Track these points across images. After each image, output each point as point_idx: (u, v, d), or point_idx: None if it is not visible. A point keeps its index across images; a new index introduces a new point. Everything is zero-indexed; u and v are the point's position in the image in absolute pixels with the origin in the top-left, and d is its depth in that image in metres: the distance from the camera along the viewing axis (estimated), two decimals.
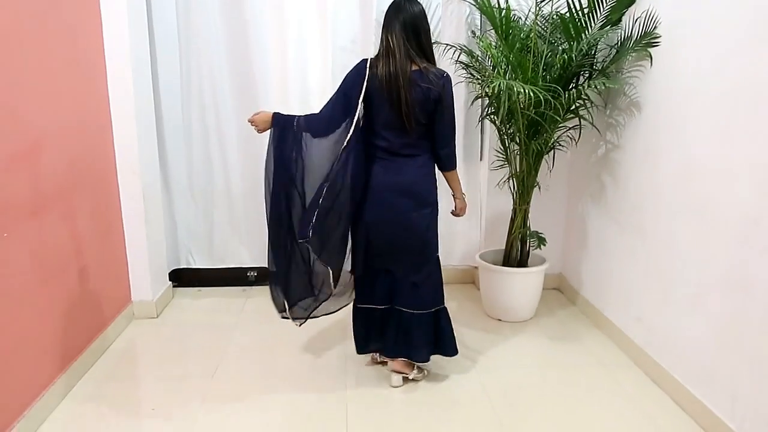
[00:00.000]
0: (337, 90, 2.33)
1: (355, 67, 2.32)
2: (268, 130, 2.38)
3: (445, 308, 2.54)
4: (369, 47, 3.23)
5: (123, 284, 3.11)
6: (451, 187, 2.55)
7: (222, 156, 3.52)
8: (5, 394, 2.00)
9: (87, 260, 2.67)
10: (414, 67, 2.24)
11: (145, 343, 2.97)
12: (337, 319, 3.13)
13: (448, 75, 2.30)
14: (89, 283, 2.69)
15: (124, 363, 2.75)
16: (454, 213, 2.62)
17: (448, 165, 2.46)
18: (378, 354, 2.68)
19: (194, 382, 2.55)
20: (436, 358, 2.60)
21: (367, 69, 2.26)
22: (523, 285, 3.16)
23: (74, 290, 2.55)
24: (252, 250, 3.69)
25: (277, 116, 2.36)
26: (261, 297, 3.55)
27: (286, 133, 2.35)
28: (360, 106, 2.27)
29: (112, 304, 2.96)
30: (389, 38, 2.25)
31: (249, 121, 2.39)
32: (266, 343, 2.94)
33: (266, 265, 3.70)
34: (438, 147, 2.39)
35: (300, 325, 2.54)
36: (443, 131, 2.36)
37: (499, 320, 3.20)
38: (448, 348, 2.55)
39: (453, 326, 2.57)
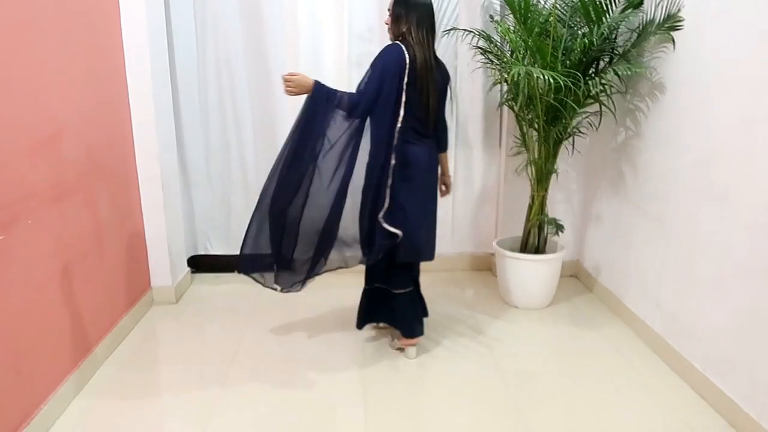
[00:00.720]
0: (379, 76, 2.33)
1: (393, 54, 2.34)
2: (301, 95, 2.36)
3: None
4: (386, 36, 3.21)
5: (143, 270, 3.15)
6: (443, 167, 2.73)
7: (239, 142, 3.53)
8: (29, 379, 2.04)
9: (107, 246, 2.70)
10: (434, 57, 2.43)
11: (164, 328, 3.01)
12: (353, 304, 3.16)
13: None
14: (109, 269, 2.73)
15: (145, 349, 2.79)
16: (444, 193, 2.79)
17: (446, 146, 2.71)
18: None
19: (214, 367, 2.58)
20: (451, 345, 2.60)
21: (406, 56, 2.32)
22: (540, 272, 3.14)
23: (95, 276, 2.58)
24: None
25: (319, 85, 2.34)
26: None
27: (326, 105, 2.35)
28: (404, 92, 2.33)
29: (131, 290, 3.00)
30: (418, 27, 2.36)
31: (285, 79, 2.33)
32: (283, 327, 2.97)
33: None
34: (440, 130, 2.61)
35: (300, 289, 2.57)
36: (444, 116, 2.62)
37: (516, 307, 3.19)
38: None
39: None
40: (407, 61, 2.32)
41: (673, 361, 2.52)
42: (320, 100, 2.34)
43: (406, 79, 2.32)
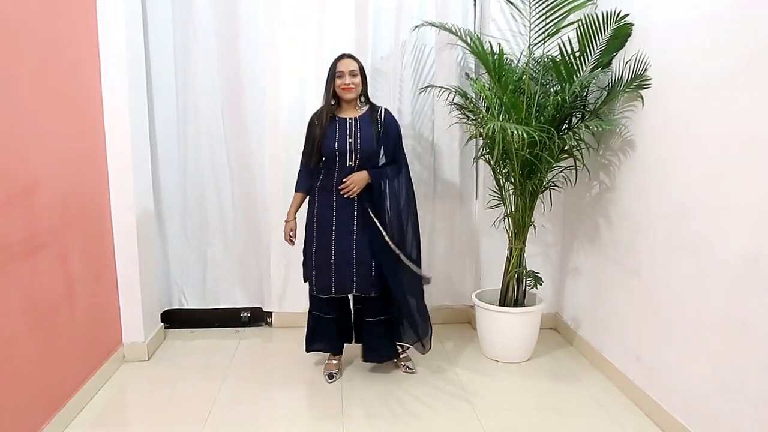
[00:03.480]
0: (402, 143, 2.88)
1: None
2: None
3: None
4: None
5: (114, 326, 3.05)
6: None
7: (217, 194, 3.52)
8: None
9: (79, 301, 2.62)
10: None
11: (135, 387, 2.90)
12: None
13: None
14: (81, 324, 2.64)
15: (115, 408, 2.67)
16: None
17: None
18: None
19: (186, 428, 2.48)
20: (431, 401, 2.55)
21: None
22: (520, 325, 3.13)
23: (64, 333, 2.50)
24: (246, 289, 3.66)
25: (373, 173, 2.73)
26: (254, 338, 3.50)
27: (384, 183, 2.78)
28: None
29: (102, 347, 2.90)
30: None
31: (346, 187, 2.67)
32: (260, 386, 2.88)
33: (261, 306, 3.68)
34: None
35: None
36: None
37: (497, 361, 3.16)
38: None
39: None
40: None
41: (656, 415, 2.50)
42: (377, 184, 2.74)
43: None
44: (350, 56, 2.75)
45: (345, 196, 2.69)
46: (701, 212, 2.22)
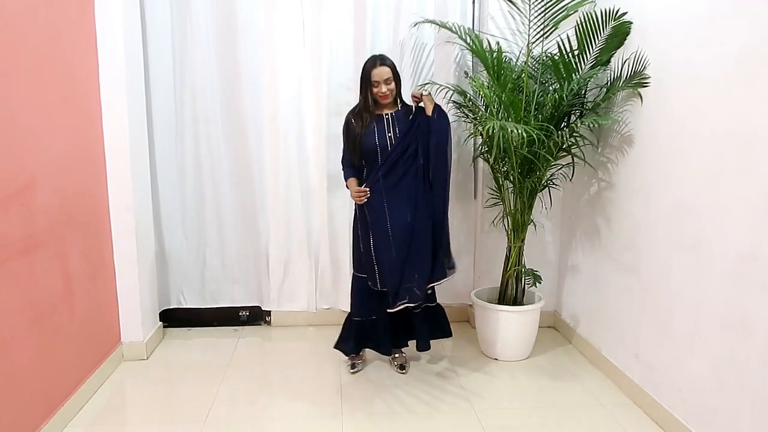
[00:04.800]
0: None
1: None
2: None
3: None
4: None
5: (113, 325, 3.05)
6: None
7: (215, 194, 3.52)
8: None
9: (77, 300, 2.62)
10: None
11: (134, 386, 2.89)
12: (330, 359, 3.09)
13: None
14: (79, 323, 2.64)
15: (112, 408, 2.67)
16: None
17: None
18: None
19: (186, 426, 2.48)
20: (430, 400, 2.55)
21: None
22: (518, 323, 3.13)
23: (63, 332, 2.49)
24: (244, 288, 3.65)
25: None
26: (253, 337, 3.50)
27: None
28: None
29: (100, 346, 2.89)
30: None
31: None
32: (259, 384, 2.88)
33: (260, 304, 3.68)
34: None
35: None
36: None
37: (496, 359, 3.16)
38: None
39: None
40: None
41: (654, 413, 2.51)
42: None
43: None
44: (383, 62, 2.77)
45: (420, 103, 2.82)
46: (699, 210, 2.22)
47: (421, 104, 2.81)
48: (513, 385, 2.90)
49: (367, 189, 2.80)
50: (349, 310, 3.04)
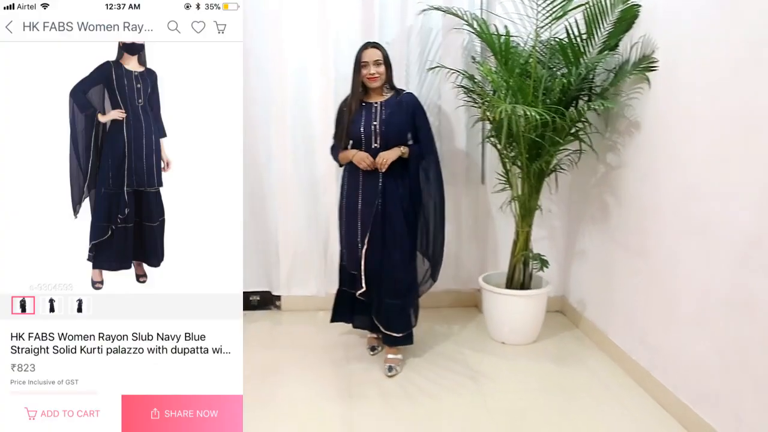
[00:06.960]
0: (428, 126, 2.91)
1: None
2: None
3: None
4: None
5: None
6: None
7: None
8: None
9: None
10: None
11: None
12: (340, 343, 3.13)
13: None
14: None
15: None
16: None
17: None
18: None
19: None
20: (440, 381, 2.59)
21: None
22: (526, 307, 3.16)
23: None
24: (255, 273, 3.69)
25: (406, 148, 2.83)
26: (263, 321, 3.55)
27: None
28: None
29: None
30: None
31: (381, 164, 2.73)
32: (270, 369, 2.93)
33: (270, 290, 3.71)
34: None
35: None
36: None
37: (503, 343, 3.19)
38: None
39: None
40: None
41: (660, 395, 2.53)
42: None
43: None
44: (374, 45, 2.79)
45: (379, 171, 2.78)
46: (707, 194, 2.23)
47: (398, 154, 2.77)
48: (520, 368, 2.93)
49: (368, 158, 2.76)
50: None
